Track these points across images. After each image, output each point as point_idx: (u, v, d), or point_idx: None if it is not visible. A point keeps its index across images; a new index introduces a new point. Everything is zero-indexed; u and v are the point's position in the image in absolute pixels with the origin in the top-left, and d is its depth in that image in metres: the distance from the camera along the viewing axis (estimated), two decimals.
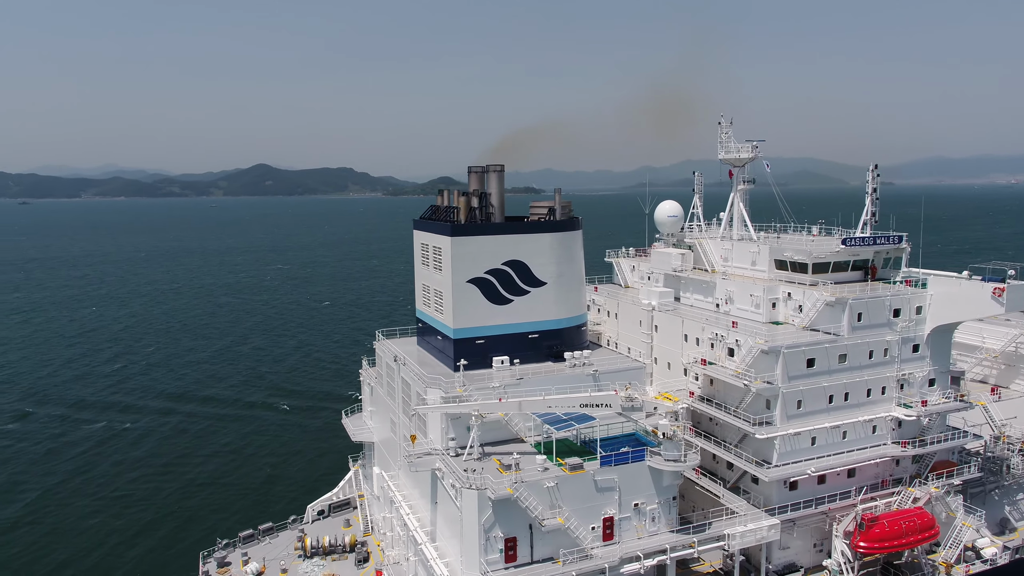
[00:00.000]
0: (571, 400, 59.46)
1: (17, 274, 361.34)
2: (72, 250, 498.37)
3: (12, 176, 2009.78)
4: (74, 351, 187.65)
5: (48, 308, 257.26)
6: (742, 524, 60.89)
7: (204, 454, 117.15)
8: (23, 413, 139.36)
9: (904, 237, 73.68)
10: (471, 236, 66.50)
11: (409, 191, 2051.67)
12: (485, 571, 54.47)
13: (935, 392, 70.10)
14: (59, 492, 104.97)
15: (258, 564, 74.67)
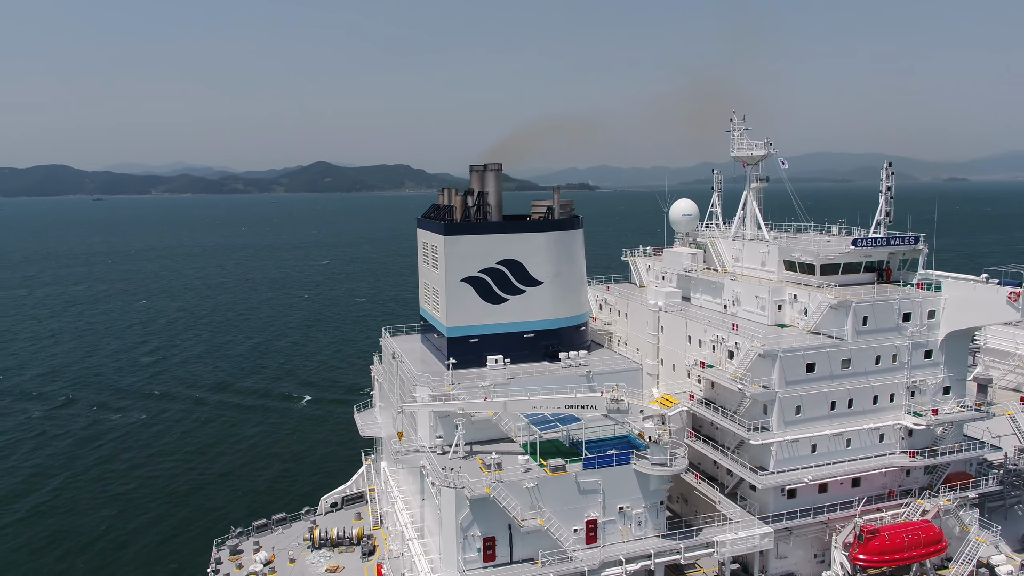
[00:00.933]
0: (556, 401, 59.03)
1: (81, 268, 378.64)
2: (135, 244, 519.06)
3: (88, 174, 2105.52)
4: (121, 342, 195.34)
5: (105, 300, 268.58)
6: (732, 532, 59.46)
7: (228, 444, 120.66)
8: (67, 400, 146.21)
9: (921, 238, 70.51)
10: (465, 235, 66.58)
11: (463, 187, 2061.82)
12: (463, 569, 54.62)
13: (950, 400, 66.94)
14: (87, 475, 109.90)
15: (267, 553, 76.36)
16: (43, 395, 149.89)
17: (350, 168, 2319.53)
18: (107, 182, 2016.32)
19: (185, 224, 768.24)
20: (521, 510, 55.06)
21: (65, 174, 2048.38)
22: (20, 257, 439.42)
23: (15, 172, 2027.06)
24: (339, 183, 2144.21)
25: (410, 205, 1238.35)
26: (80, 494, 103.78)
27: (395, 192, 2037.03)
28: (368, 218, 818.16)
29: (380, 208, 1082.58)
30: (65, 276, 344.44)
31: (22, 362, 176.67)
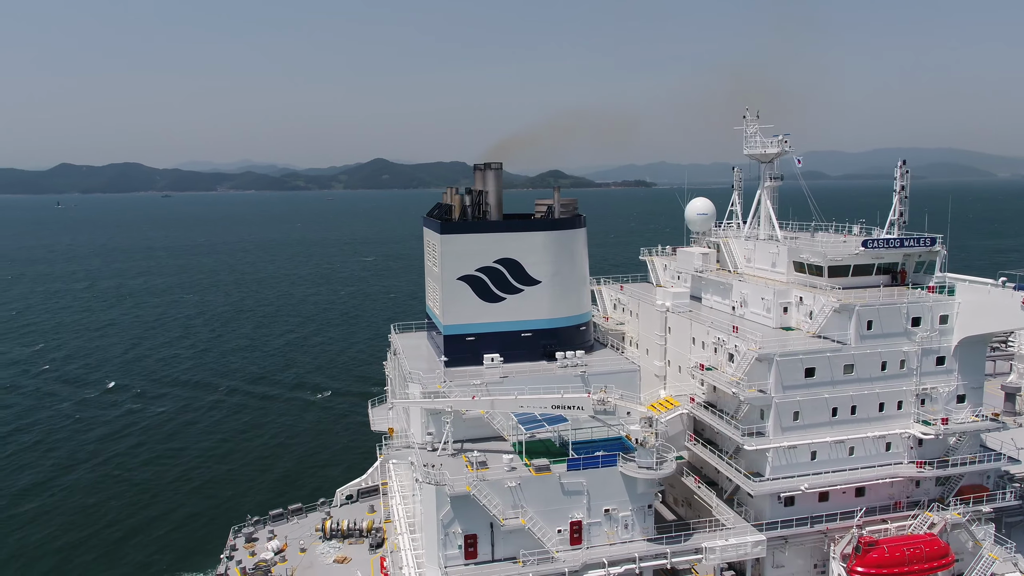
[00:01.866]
0: (542, 401, 58.89)
1: (143, 262, 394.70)
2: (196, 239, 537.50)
3: (159, 171, 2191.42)
4: (165, 335, 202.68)
5: (157, 294, 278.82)
6: (723, 538, 58.32)
7: (254, 435, 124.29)
8: (107, 388, 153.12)
9: (938, 239, 67.54)
10: (461, 234, 66.93)
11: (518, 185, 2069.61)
12: (444, 566, 55.09)
13: (964, 409, 63.97)
14: (117, 458, 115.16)
15: (280, 542, 78.46)
16: (86, 383, 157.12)
17: (407, 165, 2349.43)
18: (176, 179, 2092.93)
19: (243, 220, 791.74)
20: (503, 509, 55.19)
21: (137, 172, 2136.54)
22: (88, 251, 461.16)
23: (92, 170, 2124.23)
24: (396, 180, 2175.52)
25: None
26: (109, 476, 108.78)
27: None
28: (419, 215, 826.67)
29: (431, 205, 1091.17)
30: (126, 270, 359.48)
31: (71, 352, 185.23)
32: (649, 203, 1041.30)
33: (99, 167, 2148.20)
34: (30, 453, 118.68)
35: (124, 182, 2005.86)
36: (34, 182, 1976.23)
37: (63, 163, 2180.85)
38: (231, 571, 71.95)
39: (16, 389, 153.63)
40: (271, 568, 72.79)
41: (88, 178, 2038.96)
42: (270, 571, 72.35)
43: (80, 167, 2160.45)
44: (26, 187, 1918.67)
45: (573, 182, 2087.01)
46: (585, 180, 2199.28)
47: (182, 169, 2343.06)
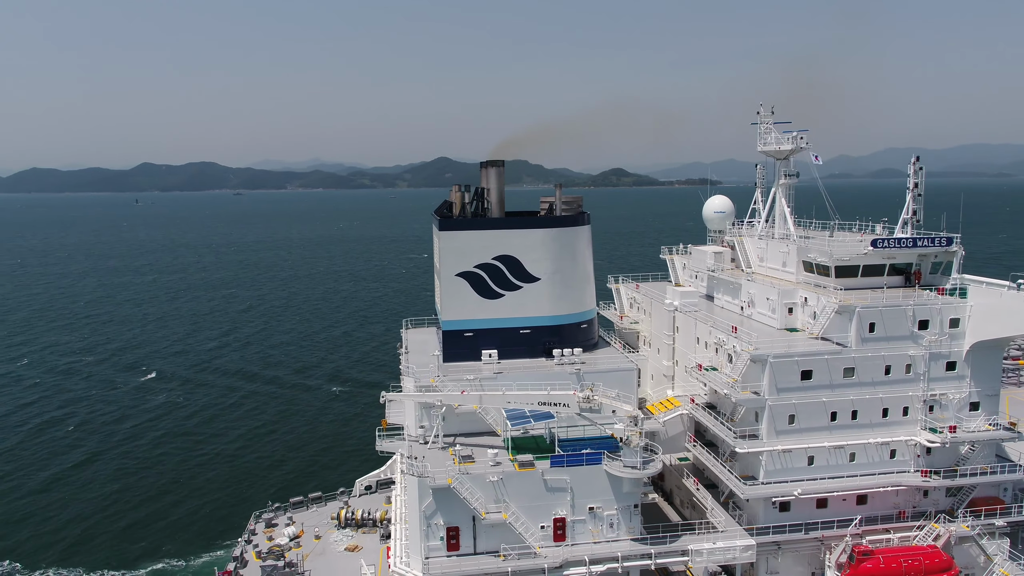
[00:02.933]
0: (529, 397, 59.10)
1: (208, 257, 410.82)
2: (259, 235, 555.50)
3: (233, 170, 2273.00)
4: (209, 329, 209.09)
5: (208, 288, 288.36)
6: (711, 541, 57.40)
7: (282, 425, 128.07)
8: (146, 377, 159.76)
9: (955, 239, 64.53)
10: (460, 231, 67.67)
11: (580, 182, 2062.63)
12: (426, 557, 56.03)
13: (978, 418, 61.04)
14: (150, 443, 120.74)
15: (297, 528, 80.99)
16: (132, 371, 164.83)
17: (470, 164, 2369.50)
18: (249, 178, 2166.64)
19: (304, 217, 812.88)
20: (485, 502, 55.75)
21: (213, 170, 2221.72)
22: (159, 246, 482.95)
23: (171, 169, 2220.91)
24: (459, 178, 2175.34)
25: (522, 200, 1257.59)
26: (142, 459, 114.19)
27: (512, 187, 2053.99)
28: None
29: None
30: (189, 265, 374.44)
31: (122, 341, 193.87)
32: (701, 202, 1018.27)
33: (177, 166, 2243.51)
34: (75, 433, 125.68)
35: (200, 180, 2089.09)
36: (117, 180, 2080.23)
37: (145, 162, 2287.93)
38: (247, 554, 74.57)
39: (70, 374, 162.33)
40: (284, 553, 75.04)
41: (167, 176, 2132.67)
42: (283, 555, 74.59)
43: (160, 166, 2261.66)
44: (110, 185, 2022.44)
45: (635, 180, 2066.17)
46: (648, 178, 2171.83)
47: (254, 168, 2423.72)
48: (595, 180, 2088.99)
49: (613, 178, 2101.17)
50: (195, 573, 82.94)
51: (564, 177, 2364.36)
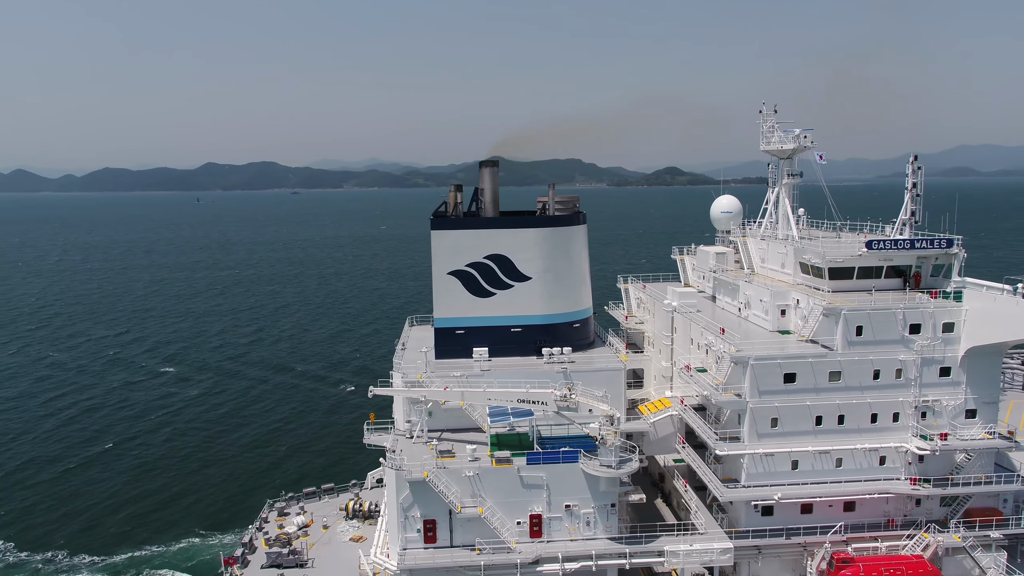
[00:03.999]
0: (508, 395, 59.84)
1: (246, 254, 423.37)
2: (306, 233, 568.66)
3: (292, 170, 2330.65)
4: (248, 324, 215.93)
5: (243, 285, 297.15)
6: (687, 543, 57.16)
7: (302, 418, 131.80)
8: (170, 371, 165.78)
9: (956, 241, 62.48)
10: (451, 230, 68.78)
11: (634, 182, 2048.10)
12: (403, 548, 57.40)
13: (974, 426, 59.05)
14: (174, 432, 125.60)
15: (307, 518, 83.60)
16: (163, 362, 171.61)
17: (522, 163, 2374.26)
18: (307, 177, 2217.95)
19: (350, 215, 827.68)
20: (461, 497, 56.76)
21: (273, 170, 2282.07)
22: (213, 243, 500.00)
23: (233, 168, 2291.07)
24: (511, 177, 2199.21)
25: None
26: (166, 446, 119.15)
27: (565, 185, 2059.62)
28: None
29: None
30: (239, 261, 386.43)
31: (154, 336, 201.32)
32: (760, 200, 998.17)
33: (239, 166, 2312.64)
34: (106, 420, 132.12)
35: (261, 180, 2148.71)
36: (183, 179, 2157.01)
37: (209, 162, 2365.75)
38: (256, 540, 77.26)
39: (109, 364, 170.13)
40: (291, 541, 77.43)
41: (229, 176, 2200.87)
42: (290, 543, 77.02)
43: (223, 166, 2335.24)
44: (176, 184, 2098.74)
45: (690, 179, 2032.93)
46: (704, 177, 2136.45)
47: (312, 167, 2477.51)
48: (649, 179, 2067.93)
49: (667, 177, 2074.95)
50: (204, 556, 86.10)
51: (618, 176, 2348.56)
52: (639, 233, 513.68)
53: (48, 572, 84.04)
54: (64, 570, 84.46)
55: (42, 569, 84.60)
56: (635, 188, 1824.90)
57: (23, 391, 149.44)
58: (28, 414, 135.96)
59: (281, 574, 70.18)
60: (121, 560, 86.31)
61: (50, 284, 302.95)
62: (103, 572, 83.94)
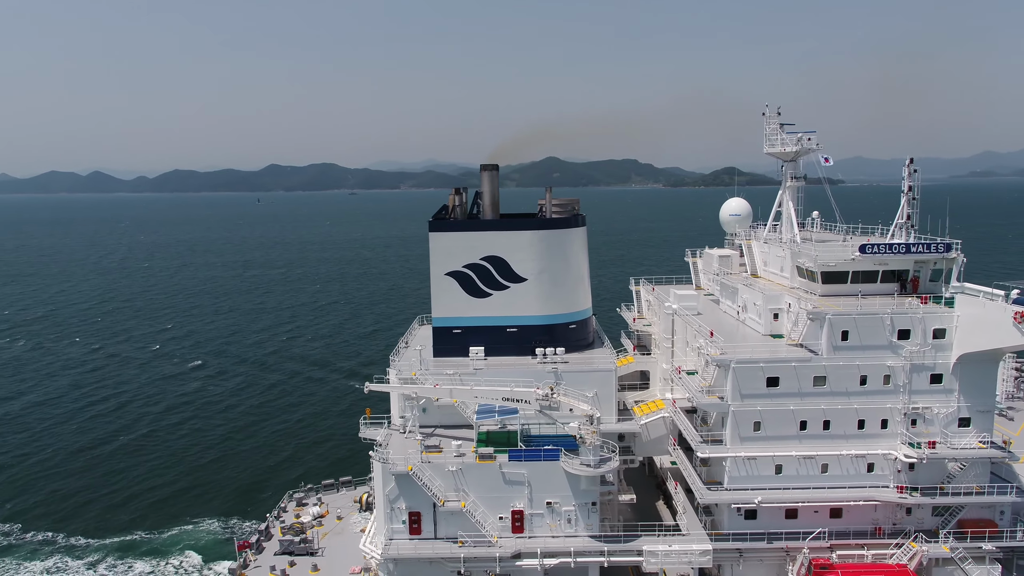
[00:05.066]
0: (493, 393, 61.39)
1: (298, 253, 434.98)
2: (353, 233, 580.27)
3: (351, 171, 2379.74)
4: (287, 322, 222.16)
5: (289, 283, 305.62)
6: (666, 544, 57.73)
7: (326, 410, 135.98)
8: (205, 365, 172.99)
9: (955, 246, 61.16)
10: (448, 232, 70.58)
11: (690, 182, 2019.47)
12: (389, 538, 59.64)
13: (968, 435, 57.76)
14: (205, 422, 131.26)
15: (323, 509, 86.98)
16: (198, 358, 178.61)
17: (577, 163, 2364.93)
18: (365, 178, 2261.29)
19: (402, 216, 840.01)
20: (444, 491, 58.66)
21: (333, 171, 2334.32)
22: (269, 242, 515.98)
23: (295, 170, 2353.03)
24: (566, 178, 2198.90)
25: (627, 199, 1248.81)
26: (193, 437, 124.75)
27: (620, 186, 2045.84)
28: None
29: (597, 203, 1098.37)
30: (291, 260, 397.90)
31: (192, 332, 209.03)
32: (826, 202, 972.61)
33: (301, 167, 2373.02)
34: (137, 410, 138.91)
35: (321, 180, 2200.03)
36: (248, 180, 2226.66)
37: (272, 164, 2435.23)
38: (273, 528, 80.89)
39: (145, 358, 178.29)
40: (305, 530, 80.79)
41: (291, 177, 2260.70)
42: (303, 532, 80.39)
43: (285, 167, 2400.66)
44: (241, 185, 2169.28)
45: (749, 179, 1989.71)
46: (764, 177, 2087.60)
47: (371, 169, 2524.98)
48: (706, 179, 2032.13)
49: (725, 177, 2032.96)
50: (222, 541, 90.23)
51: (674, 176, 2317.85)
52: (689, 235, 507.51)
53: (69, 551, 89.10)
54: (85, 549, 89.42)
55: (64, 548, 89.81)
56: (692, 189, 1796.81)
57: (72, 382, 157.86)
58: (71, 404, 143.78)
59: (292, 561, 73.29)
60: (140, 538, 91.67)
61: (112, 281, 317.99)
62: (124, 551, 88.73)
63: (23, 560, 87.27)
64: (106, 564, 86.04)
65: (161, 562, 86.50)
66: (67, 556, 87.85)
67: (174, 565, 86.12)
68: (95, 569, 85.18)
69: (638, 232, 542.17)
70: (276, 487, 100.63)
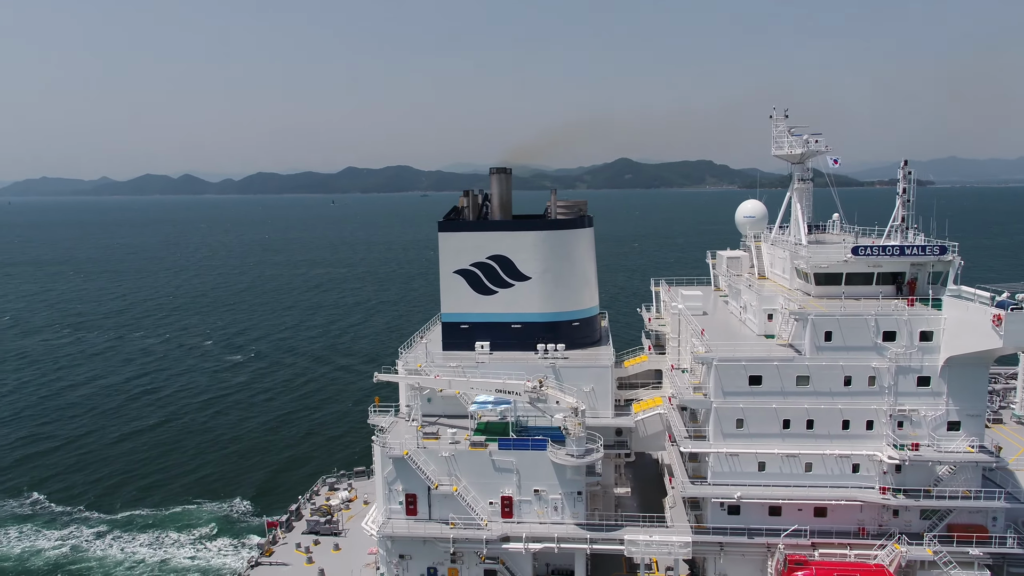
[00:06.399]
0: (487, 385, 64.66)
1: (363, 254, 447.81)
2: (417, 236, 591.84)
3: (424, 173, 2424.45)
4: (333, 318, 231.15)
5: (350, 282, 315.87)
6: (647, 534, 59.74)
7: (362, 403, 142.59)
8: (249, 359, 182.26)
9: (952, 248, 60.71)
10: (456, 232, 74.26)
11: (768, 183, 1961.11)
12: (388, 517, 63.79)
13: (957, 439, 57.40)
14: (244, 413, 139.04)
15: (351, 494, 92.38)
16: (241, 352, 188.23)
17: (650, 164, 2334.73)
18: (438, 180, 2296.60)
19: None
20: (437, 475, 62.38)
21: (407, 174, 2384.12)
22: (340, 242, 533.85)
23: (371, 172, 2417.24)
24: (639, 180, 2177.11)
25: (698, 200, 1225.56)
26: (238, 427, 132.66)
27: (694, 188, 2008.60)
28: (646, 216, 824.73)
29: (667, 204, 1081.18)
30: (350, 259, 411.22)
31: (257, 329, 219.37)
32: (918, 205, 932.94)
33: (377, 169, 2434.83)
34: (179, 400, 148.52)
35: (396, 183, 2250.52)
36: (326, 183, 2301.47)
37: (349, 167, 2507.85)
38: (303, 509, 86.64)
39: (197, 352, 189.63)
40: (333, 513, 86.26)
41: (367, 179, 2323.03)
42: (331, 514, 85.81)
43: (362, 170, 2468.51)
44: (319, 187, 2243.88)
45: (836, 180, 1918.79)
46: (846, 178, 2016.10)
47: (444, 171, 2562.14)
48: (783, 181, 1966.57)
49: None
50: (255, 519, 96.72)
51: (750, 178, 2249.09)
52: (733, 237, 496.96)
53: (106, 524, 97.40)
54: (120, 523, 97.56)
55: (104, 520, 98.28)
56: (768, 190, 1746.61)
57: (131, 375, 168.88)
58: (120, 391, 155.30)
59: (316, 540, 78.69)
60: (173, 512, 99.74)
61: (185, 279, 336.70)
62: (160, 525, 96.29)
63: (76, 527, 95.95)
64: (145, 536, 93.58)
65: (194, 533, 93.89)
66: (107, 528, 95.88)
67: (207, 535, 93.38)
68: (135, 539, 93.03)
69: (696, 235, 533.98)
70: (312, 471, 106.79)
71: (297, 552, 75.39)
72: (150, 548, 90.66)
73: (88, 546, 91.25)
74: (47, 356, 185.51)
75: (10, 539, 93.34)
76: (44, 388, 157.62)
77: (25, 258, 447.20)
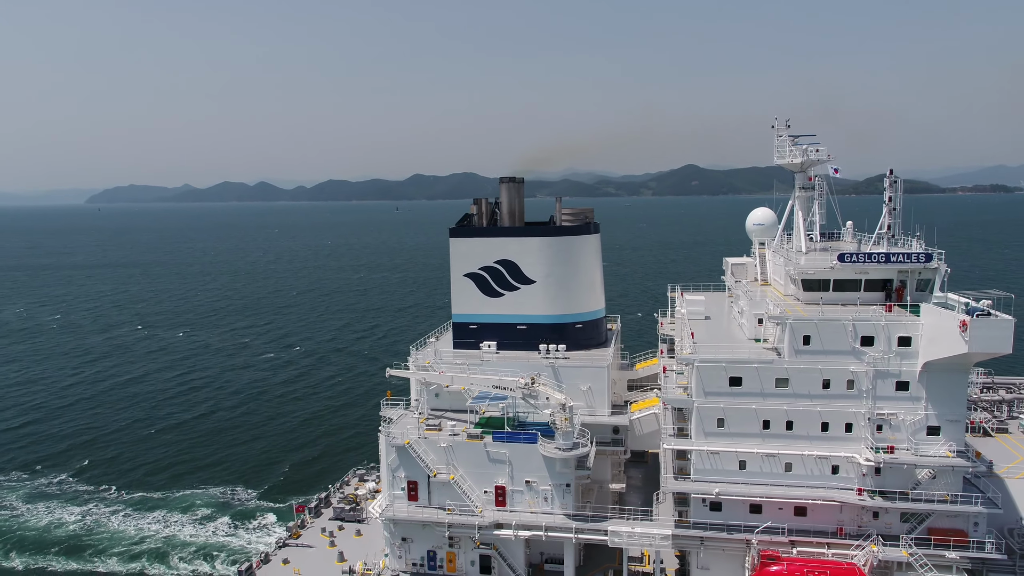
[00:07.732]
0: (485, 381, 68.84)
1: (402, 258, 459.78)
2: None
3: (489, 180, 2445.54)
4: (378, 321, 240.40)
5: (405, 285, 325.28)
6: (630, 526, 62.72)
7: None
8: (293, 357, 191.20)
9: (938, 255, 61.66)
10: (465, 237, 78.83)
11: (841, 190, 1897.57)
12: (391, 502, 68.69)
13: (936, 443, 58.33)
14: (286, 404, 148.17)
15: (378, 485, 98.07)
16: (286, 350, 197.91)
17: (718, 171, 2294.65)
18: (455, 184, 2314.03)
19: None
20: (436, 464, 66.92)
21: (473, 180, 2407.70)
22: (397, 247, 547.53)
23: (437, 179, 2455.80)
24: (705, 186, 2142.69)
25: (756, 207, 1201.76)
26: (279, 419, 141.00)
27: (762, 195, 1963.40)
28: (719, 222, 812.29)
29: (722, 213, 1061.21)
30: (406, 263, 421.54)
31: (311, 329, 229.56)
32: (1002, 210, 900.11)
33: (443, 176, 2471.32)
34: (220, 395, 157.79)
35: (461, 189, 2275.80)
36: (393, 190, 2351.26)
37: (416, 174, 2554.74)
38: (332, 497, 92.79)
39: (249, 348, 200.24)
40: (359, 502, 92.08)
41: (434, 186, 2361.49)
42: (356, 502, 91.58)
43: (428, 177, 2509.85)
44: (387, 194, 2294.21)
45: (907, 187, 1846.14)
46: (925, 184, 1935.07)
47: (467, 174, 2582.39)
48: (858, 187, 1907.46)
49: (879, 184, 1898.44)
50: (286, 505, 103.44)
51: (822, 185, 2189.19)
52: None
53: (143, 504, 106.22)
54: (155, 504, 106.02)
55: (138, 501, 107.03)
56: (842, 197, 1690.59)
57: (180, 371, 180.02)
58: (172, 384, 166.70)
59: (341, 526, 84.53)
60: (214, 494, 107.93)
61: (241, 282, 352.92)
62: (190, 508, 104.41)
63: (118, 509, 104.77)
64: (183, 517, 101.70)
65: (228, 514, 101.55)
66: (144, 510, 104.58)
67: (240, 515, 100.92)
68: (171, 515, 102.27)
69: (739, 243, 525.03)
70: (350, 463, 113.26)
71: (322, 536, 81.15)
72: (191, 526, 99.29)
73: (147, 525, 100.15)
74: (117, 351, 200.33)
75: (69, 515, 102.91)
76: (104, 381, 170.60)
77: (107, 261, 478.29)
